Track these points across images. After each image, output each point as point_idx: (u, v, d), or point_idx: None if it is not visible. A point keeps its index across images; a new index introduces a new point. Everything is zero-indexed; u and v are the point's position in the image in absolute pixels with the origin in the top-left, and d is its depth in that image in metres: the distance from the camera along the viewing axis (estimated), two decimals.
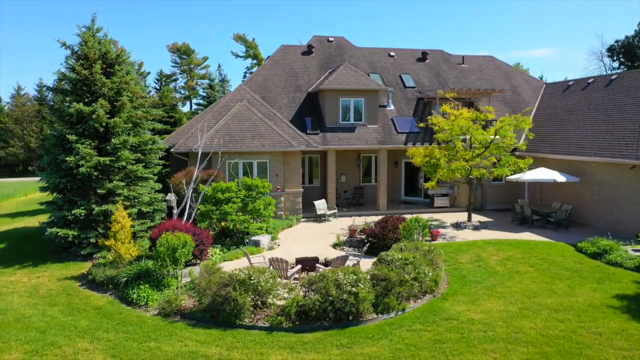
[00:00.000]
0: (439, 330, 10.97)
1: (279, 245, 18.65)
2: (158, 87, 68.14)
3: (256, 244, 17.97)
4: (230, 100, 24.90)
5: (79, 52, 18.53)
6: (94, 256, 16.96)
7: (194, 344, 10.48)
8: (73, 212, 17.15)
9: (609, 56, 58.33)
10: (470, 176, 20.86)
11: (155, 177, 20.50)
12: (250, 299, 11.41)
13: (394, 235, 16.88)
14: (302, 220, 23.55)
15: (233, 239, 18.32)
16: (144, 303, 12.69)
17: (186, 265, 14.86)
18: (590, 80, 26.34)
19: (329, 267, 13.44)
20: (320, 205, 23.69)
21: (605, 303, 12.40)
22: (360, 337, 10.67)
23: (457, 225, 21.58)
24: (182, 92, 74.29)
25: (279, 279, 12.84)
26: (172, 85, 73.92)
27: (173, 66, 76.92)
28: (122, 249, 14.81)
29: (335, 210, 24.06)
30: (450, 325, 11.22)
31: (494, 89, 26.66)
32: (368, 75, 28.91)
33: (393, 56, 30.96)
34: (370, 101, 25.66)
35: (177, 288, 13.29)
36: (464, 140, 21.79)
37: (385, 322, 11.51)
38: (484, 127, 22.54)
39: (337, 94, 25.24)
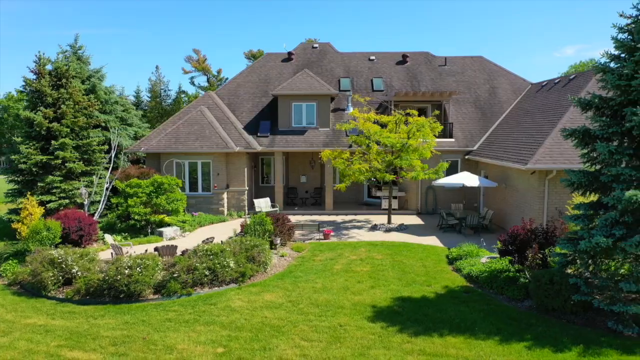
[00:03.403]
0: (185, 312, 12.35)
1: (184, 236, 20.77)
2: None
3: (160, 234, 20.28)
4: (193, 106, 27.56)
5: (34, 68, 22.24)
6: None
7: None
8: (18, 201, 20.89)
9: None
10: (373, 178, 21.16)
11: (106, 174, 23.72)
12: (52, 274, 13.70)
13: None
14: (246, 216, 25.37)
15: (145, 229, 20.79)
16: (4, 275, 15.59)
17: (73, 245, 17.52)
18: (557, 80, 24.85)
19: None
20: (261, 203, 25.33)
21: (373, 304, 12.73)
22: (116, 312, 12.45)
23: (374, 227, 21.97)
24: None
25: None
26: None
27: None
28: (25, 231, 17.92)
29: (276, 209, 25.51)
30: (202, 309, 12.52)
31: (446, 91, 26.22)
32: (339, 79, 29.93)
33: (373, 60, 31.43)
34: (322, 105, 26.68)
35: None
36: (377, 143, 22.09)
37: (159, 303, 13.10)
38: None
39: (289, 98, 26.67)
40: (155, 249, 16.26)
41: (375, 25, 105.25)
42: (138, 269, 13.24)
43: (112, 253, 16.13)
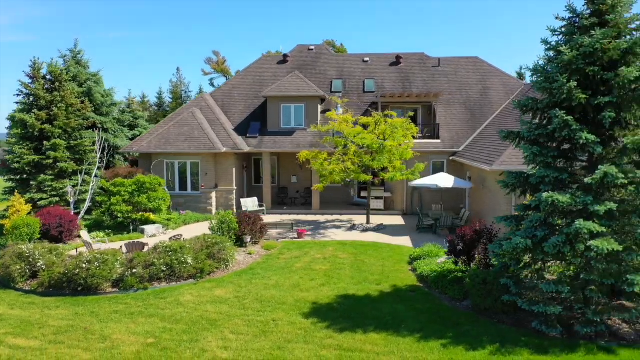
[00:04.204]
0: (134, 305, 12.98)
1: (165, 234, 21.49)
2: None
3: (142, 231, 21.08)
4: (185, 107, 28.39)
5: (30, 73, 23.37)
6: None
7: None
8: (11, 198, 22.03)
9: None
10: (347, 179, 21.45)
11: (100, 172, 24.74)
12: (19, 267, 14.54)
13: (241, 229, 18.71)
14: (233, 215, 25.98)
15: (130, 226, 21.64)
16: None
17: (51, 241, 18.48)
18: None
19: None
20: (248, 202, 25.92)
21: (316, 301, 13.10)
22: (71, 304, 13.16)
23: (352, 227, 22.28)
24: None
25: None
26: None
27: None
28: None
29: (263, 208, 26.06)
30: (151, 302, 13.12)
31: (432, 92, 26.30)
32: (331, 81, 30.30)
33: (367, 61, 31.66)
34: (311, 106, 27.10)
35: None
36: (352, 143, 22.35)
37: (114, 296, 13.77)
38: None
39: (278, 100, 27.20)
40: (126, 245, 16.99)
41: (392, 26, 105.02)
42: (96, 263, 13.95)
43: (76, 249, 16.92)
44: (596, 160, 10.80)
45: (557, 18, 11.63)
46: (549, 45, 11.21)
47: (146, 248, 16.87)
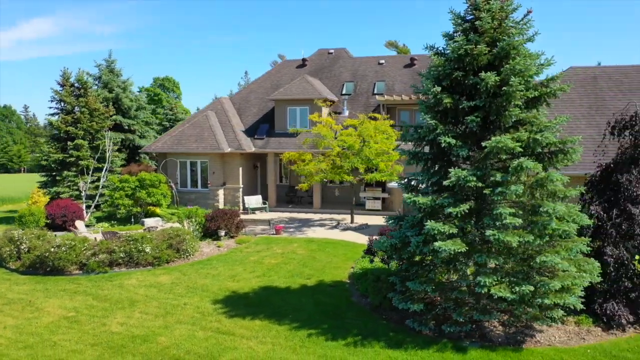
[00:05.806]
0: (84, 285, 14.87)
1: (163, 227, 23.50)
2: None
3: (142, 223, 23.30)
4: (201, 110, 30.53)
5: (60, 81, 26.57)
6: None
7: None
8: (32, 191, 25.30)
9: None
10: (325, 179, 22.18)
11: (120, 169, 27.53)
12: (8, 249, 17.05)
13: (215, 224, 20.28)
14: (240, 212, 27.67)
15: (137, 219, 24.00)
16: None
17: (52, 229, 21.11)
18: None
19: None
20: (252, 200, 27.46)
21: (237, 290, 14.24)
22: (37, 282, 15.35)
23: (336, 226, 23.04)
24: None
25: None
26: None
27: None
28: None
29: (266, 206, 27.49)
30: (99, 284, 14.94)
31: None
32: (343, 84, 31.09)
33: (382, 64, 32.04)
34: (315, 109, 28.06)
35: None
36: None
37: (76, 277, 15.78)
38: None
39: (284, 103, 28.49)
40: (103, 233, 19.15)
41: None
42: (63, 248, 16.07)
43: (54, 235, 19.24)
44: (469, 164, 10.96)
45: (453, 24, 11.85)
46: (434, 50, 11.49)
47: None
